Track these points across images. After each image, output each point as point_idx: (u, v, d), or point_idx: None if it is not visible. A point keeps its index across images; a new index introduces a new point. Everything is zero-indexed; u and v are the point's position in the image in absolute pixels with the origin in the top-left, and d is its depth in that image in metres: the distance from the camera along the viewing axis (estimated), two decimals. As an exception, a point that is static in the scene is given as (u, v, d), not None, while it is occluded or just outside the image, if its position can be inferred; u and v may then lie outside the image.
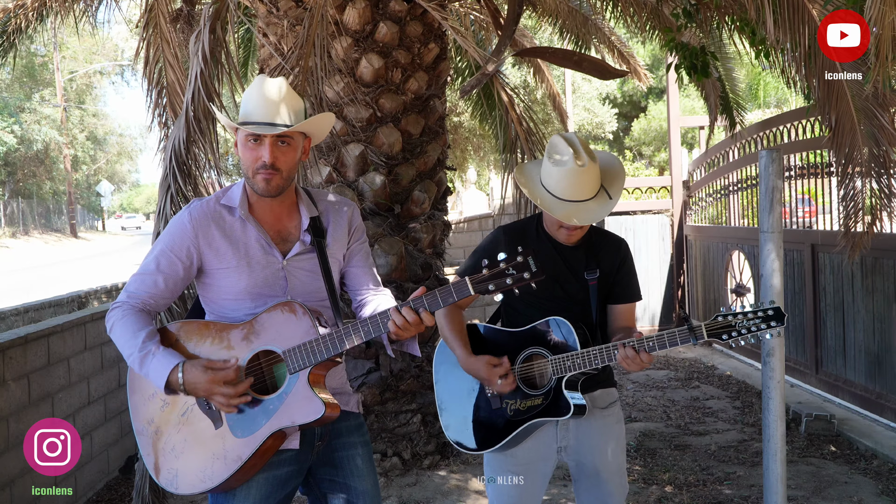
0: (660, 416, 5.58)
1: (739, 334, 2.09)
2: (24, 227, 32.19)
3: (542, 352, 2.30)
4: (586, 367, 2.22)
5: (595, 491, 2.41)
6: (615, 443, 2.43)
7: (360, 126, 4.59)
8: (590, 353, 2.21)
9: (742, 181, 7.41)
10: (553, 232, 2.36)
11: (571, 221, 2.23)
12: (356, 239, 2.16)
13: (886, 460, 4.41)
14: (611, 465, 2.40)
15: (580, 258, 2.37)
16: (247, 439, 1.91)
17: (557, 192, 2.24)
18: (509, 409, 2.31)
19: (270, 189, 1.96)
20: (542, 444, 2.38)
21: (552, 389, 2.26)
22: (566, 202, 2.23)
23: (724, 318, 2.11)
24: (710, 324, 2.11)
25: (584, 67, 5.01)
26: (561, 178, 2.22)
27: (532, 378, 2.31)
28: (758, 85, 20.99)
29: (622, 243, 2.45)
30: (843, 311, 5.46)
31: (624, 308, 2.42)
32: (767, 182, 2.58)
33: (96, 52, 34.54)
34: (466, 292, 1.83)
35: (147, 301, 2.00)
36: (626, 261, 2.43)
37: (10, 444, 3.56)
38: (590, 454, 2.38)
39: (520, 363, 2.32)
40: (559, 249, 2.38)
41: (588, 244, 2.40)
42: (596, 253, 2.39)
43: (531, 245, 2.37)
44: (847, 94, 3.63)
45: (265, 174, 1.94)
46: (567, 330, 2.26)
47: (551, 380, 2.26)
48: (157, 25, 4.62)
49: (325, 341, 1.91)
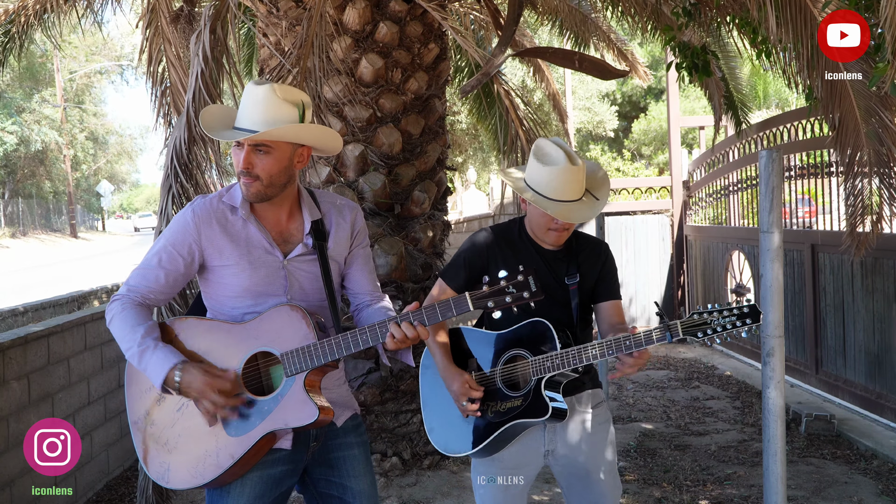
0: (660, 416, 5.58)
1: (714, 332, 2.09)
2: (23, 227, 32.19)
3: (524, 353, 2.30)
4: (566, 368, 2.23)
5: (587, 493, 2.40)
6: (605, 443, 2.43)
7: (359, 126, 4.59)
8: (569, 353, 2.22)
9: (742, 181, 7.41)
10: (540, 235, 2.38)
11: (568, 219, 2.26)
12: (358, 243, 2.16)
13: (886, 460, 4.41)
14: (602, 465, 2.40)
15: (561, 262, 2.39)
16: (240, 438, 1.92)
17: (548, 193, 2.26)
18: (489, 411, 2.31)
19: (249, 195, 1.96)
20: (529, 448, 2.38)
21: (531, 390, 2.27)
22: (558, 202, 2.26)
23: (700, 316, 2.12)
24: (686, 321, 2.12)
25: (584, 67, 5.01)
26: (553, 179, 2.25)
27: (514, 380, 2.32)
28: (759, 85, 21.00)
29: (602, 245, 2.49)
30: (844, 311, 5.46)
31: (612, 305, 2.45)
32: (767, 182, 2.58)
33: (96, 51, 34.55)
34: (466, 308, 1.86)
35: (147, 295, 2.00)
36: (608, 261, 2.47)
37: (10, 444, 3.56)
38: (580, 455, 2.38)
39: (502, 364, 2.33)
40: (541, 254, 2.40)
41: (568, 248, 2.43)
42: (576, 256, 2.41)
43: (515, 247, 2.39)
44: (850, 93, 3.63)
45: (244, 180, 1.95)
46: (548, 332, 2.27)
47: (531, 381, 2.27)
48: (159, 25, 4.62)
49: (324, 346, 1.91)
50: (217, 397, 1.88)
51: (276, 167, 1.95)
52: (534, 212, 2.35)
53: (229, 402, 1.90)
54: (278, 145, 1.95)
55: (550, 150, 2.30)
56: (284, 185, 2.00)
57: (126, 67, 35.83)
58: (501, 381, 2.32)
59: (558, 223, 2.31)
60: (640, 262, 9.08)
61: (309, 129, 2.00)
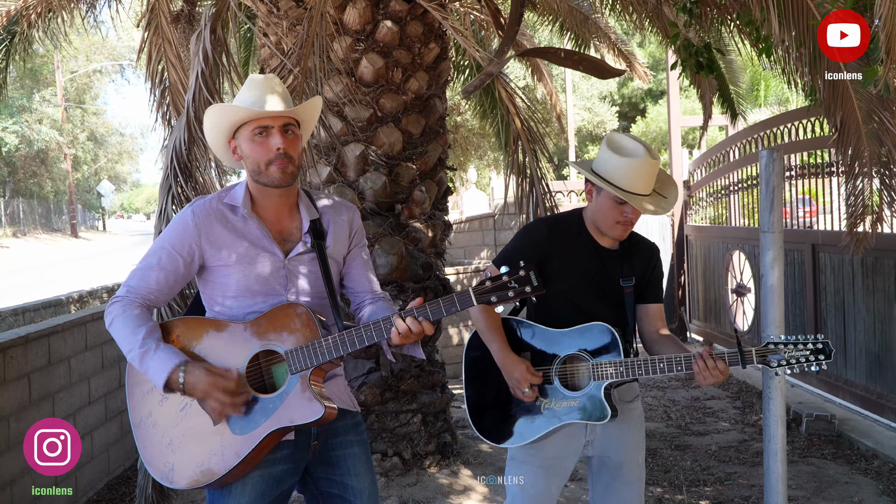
0: (660, 416, 5.58)
1: (788, 364, 2.14)
2: (24, 226, 32.19)
3: (583, 355, 2.30)
4: (626, 377, 2.24)
5: (615, 484, 2.41)
6: (639, 435, 2.46)
7: (360, 126, 4.58)
8: (635, 363, 2.22)
9: (742, 181, 7.41)
10: (605, 229, 2.36)
11: (645, 209, 2.28)
12: (357, 243, 2.17)
13: (887, 460, 4.41)
14: (634, 458, 2.43)
15: (616, 262, 2.39)
16: (245, 437, 1.92)
17: (624, 184, 2.27)
18: (543, 407, 2.31)
19: (287, 177, 1.97)
20: (572, 439, 2.38)
21: (590, 394, 2.27)
22: (633, 194, 2.28)
23: (776, 347, 2.16)
24: (761, 350, 2.16)
25: (584, 67, 5.01)
26: (631, 170, 2.26)
27: (571, 379, 2.32)
28: (759, 85, 20.98)
29: (654, 248, 2.50)
30: (844, 311, 5.46)
31: (656, 308, 2.46)
32: (768, 182, 2.57)
33: (96, 51, 34.54)
34: (469, 303, 1.86)
35: (146, 296, 2.00)
36: (658, 265, 2.48)
37: (10, 444, 3.56)
38: (616, 448, 2.40)
39: (560, 364, 2.32)
40: (598, 252, 2.39)
41: (622, 248, 2.42)
42: (630, 258, 2.41)
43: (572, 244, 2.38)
44: (852, 94, 3.63)
45: (281, 163, 1.95)
46: (611, 336, 2.27)
47: (590, 383, 2.27)
48: (159, 25, 4.62)
49: (328, 344, 1.91)
50: (223, 396, 1.89)
51: (299, 147, 2.02)
52: (603, 204, 2.33)
53: (235, 400, 1.90)
54: (297, 125, 2.03)
55: (627, 142, 2.31)
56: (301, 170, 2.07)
57: (126, 66, 35.84)
58: (558, 379, 2.31)
59: (627, 216, 2.30)
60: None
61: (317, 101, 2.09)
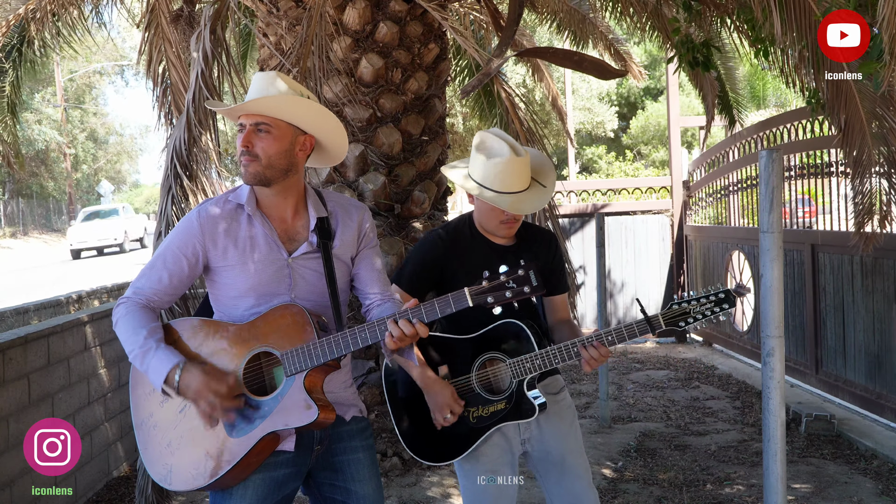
0: (660, 416, 5.58)
1: (695, 319, 2.16)
2: (24, 227, 32.17)
3: (499, 356, 2.29)
4: (546, 367, 2.23)
5: (565, 479, 2.40)
6: (575, 427, 2.46)
7: (359, 126, 4.59)
8: (549, 352, 2.22)
9: (742, 181, 7.41)
10: (491, 229, 2.37)
11: (519, 210, 2.27)
12: (367, 244, 2.15)
13: (886, 460, 4.41)
14: (574, 448, 2.42)
15: (516, 258, 2.36)
16: (241, 439, 1.91)
17: (496, 186, 2.27)
18: (472, 416, 2.29)
19: (247, 176, 1.96)
20: (508, 440, 2.38)
21: (514, 393, 2.26)
22: (506, 194, 2.26)
23: (679, 306, 2.17)
24: (666, 312, 2.17)
25: (584, 67, 5.01)
26: (499, 171, 2.25)
27: (490, 383, 2.31)
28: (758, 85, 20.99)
29: (552, 236, 2.48)
30: (844, 311, 5.46)
31: (560, 299, 2.45)
32: (767, 182, 2.57)
33: (96, 51, 34.52)
34: (465, 304, 1.85)
35: (151, 297, 2.01)
36: (558, 253, 2.47)
37: (10, 444, 3.56)
38: (554, 441, 2.39)
39: (477, 369, 2.31)
40: (494, 250, 2.38)
41: (520, 241, 2.42)
42: (528, 248, 2.41)
43: (468, 247, 2.38)
44: (856, 94, 3.63)
45: (243, 160, 1.95)
46: (522, 332, 2.26)
47: (511, 383, 2.26)
48: (159, 25, 4.63)
49: (323, 345, 1.90)
50: (213, 398, 1.87)
51: (274, 147, 1.96)
52: (482, 206, 2.34)
53: (227, 403, 1.88)
54: (277, 125, 1.96)
55: (493, 142, 2.30)
56: (286, 172, 1.99)
57: (126, 67, 35.84)
58: (479, 386, 2.30)
59: (508, 215, 2.30)
60: (640, 263, 9.08)
61: (302, 104, 1.97)
